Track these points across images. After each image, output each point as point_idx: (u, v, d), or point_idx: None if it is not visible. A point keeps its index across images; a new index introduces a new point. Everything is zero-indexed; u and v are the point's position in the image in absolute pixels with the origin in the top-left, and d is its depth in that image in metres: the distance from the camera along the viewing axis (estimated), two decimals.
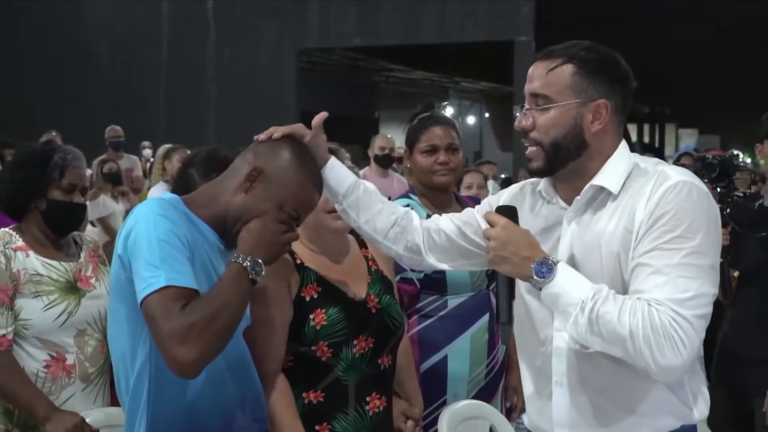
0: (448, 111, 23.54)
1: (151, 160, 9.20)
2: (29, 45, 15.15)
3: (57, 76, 14.99)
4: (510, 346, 3.08)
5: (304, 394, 2.29)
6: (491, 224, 1.87)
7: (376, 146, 6.90)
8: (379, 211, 2.19)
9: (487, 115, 26.27)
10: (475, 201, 3.18)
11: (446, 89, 24.25)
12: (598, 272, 1.84)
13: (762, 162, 3.43)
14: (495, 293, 1.93)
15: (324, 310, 2.29)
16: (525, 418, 2.12)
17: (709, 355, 6.39)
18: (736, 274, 3.30)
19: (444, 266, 2.22)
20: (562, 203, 1.97)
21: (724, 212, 3.24)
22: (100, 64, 15.45)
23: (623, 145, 1.95)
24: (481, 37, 13.46)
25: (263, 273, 1.90)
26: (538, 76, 1.90)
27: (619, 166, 1.90)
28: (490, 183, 5.53)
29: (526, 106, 1.92)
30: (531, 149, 1.92)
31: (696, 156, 3.54)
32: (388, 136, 7.41)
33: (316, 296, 2.31)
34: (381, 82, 21.86)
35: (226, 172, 2.07)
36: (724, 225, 3.23)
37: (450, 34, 13.71)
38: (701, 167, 3.35)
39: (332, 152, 2.24)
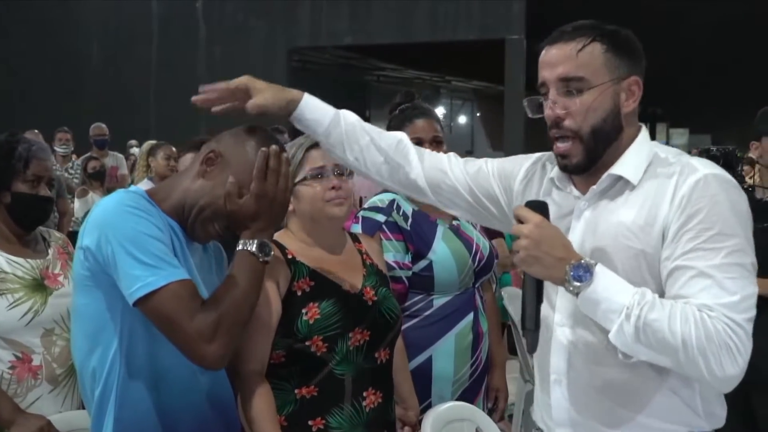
0: (440, 110, 23.52)
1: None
2: (20, 44, 15.10)
3: (48, 75, 14.96)
4: (493, 344, 3.01)
5: (296, 390, 2.21)
6: (521, 220, 1.71)
7: None
8: (367, 145, 2.06)
9: (478, 114, 26.26)
10: None
11: (438, 88, 24.24)
12: (612, 267, 1.71)
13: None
14: (522, 295, 1.79)
15: (317, 304, 2.21)
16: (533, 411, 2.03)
17: None
18: None
19: (448, 210, 2.15)
20: (576, 192, 1.85)
21: None
22: (90, 62, 15.41)
23: (644, 129, 1.83)
24: (472, 35, 13.44)
25: (272, 251, 1.89)
26: (566, 58, 1.75)
27: (640, 153, 1.78)
28: None
29: (555, 93, 1.77)
30: (564, 145, 1.77)
31: (700, 149, 3.54)
32: None
33: (308, 290, 2.23)
34: (372, 81, 21.83)
35: (190, 163, 2.02)
36: None
37: (441, 33, 13.69)
38: (706, 159, 3.32)
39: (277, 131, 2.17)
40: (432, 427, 2.51)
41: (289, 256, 2.27)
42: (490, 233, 4.06)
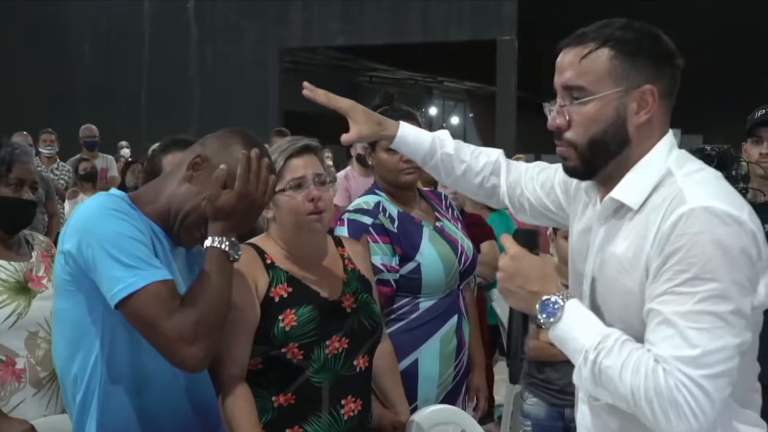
0: (432, 111, 23.52)
1: (129, 159, 9.11)
2: (11, 45, 15.03)
3: (39, 76, 14.89)
4: (472, 345, 3.01)
5: (274, 398, 2.20)
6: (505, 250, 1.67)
7: (359, 146, 6.83)
8: (463, 173, 2.13)
9: (470, 114, 26.28)
10: (437, 195, 3.12)
11: (430, 89, 24.25)
12: (611, 300, 1.65)
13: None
14: (507, 329, 1.79)
15: (294, 310, 2.20)
16: None
17: None
18: None
19: (531, 222, 2.15)
20: (599, 205, 1.74)
21: None
22: (82, 63, 15.37)
23: (664, 142, 1.67)
24: (464, 36, 13.45)
25: (241, 252, 1.88)
26: (570, 64, 1.64)
27: (646, 172, 1.64)
28: None
29: (559, 101, 1.66)
30: (561, 149, 1.69)
31: (695, 148, 3.51)
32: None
33: (285, 296, 2.22)
34: (365, 81, 21.83)
35: (174, 167, 2.00)
36: None
37: (433, 34, 13.68)
38: (700, 159, 3.29)
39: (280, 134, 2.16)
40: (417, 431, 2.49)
41: (268, 261, 2.26)
42: (480, 235, 4.05)
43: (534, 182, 2.07)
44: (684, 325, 1.48)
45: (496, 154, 2.16)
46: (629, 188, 1.64)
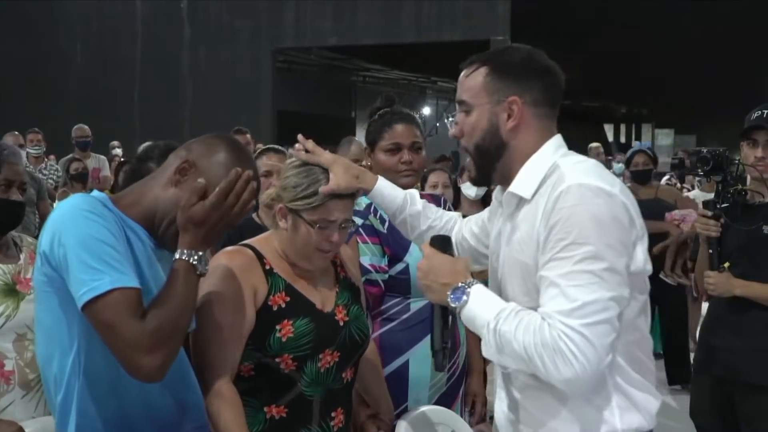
0: (426, 111, 23.54)
1: (122, 159, 9.09)
2: (3, 44, 14.99)
3: (31, 76, 14.86)
4: (471, 351, 3.00)
5: (266, 409, 2.20)
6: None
7: (351, 153, 6.84)
8: (427, 230, 2.34)
9: None
10: (436, 199, 3.09)
11: (423, 89, 24.25)
12: (512, 281, 1.88)
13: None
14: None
15: (292, 322, 2.20)
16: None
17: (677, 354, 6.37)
18: (727, 265, 3.26)
19: (474, 267, 2.29)
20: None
21: (718, 205, 3.27)
22: (74, 63, 15.34)
23: (550, 143, 1.91)
24: (457, 36, 13.47)
25: (207, 266, 1.88)
26: (460, 83, 1.95)
27: (535, 167, 1.88)
28: (467, 185, 5.38)
29: (457, 114, 1.96)
30: (468, 160, 1.95)
31: (692, 150, 3.53)
32: (364, 147, 7.31)
33: (284, 306, 2.22)
34: (358, 81, 21.84)
35: (158, 170, 1.99)
36: (716, 217, 3.23)
37: (426, 34, 13.71)
38: (696, 161, 3.36)
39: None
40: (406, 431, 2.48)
41: (267, 267, 2.25)
42: None
43: (471, 223, 2.31)
44: (565, 284, 1.70)
45: (456, 215, 2.42)
46: (522, 182, 1.88)
